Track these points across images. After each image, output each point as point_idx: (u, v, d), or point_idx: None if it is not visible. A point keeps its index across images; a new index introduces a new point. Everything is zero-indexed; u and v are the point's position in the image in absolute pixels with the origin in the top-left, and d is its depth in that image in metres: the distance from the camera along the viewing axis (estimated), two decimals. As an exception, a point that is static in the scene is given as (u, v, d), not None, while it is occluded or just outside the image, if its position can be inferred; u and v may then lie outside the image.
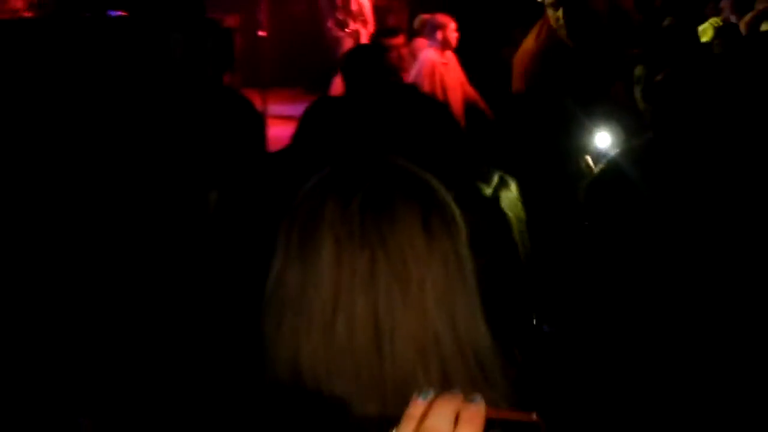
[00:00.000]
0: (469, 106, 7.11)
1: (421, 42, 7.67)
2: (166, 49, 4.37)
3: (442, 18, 7.32)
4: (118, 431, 2.55)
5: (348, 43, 8.91)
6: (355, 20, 9.02)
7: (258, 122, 2.90)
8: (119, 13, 4.66)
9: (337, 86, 6.32)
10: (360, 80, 4.68)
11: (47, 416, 2.60)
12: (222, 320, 2.28)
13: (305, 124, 2.99)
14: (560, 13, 6.06)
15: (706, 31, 6.09)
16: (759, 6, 6.09)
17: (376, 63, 4.81)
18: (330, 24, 9.33)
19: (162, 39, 4.40)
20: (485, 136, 5.21)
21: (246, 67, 7.85)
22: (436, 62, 7.11)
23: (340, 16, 9.20)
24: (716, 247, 2.27)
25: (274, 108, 7.62)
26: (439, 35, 7.22)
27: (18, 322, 2.99)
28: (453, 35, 7.27)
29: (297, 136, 2.98)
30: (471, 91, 7.37)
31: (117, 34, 4.48)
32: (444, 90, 7.02)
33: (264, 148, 2.97)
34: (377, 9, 9.94)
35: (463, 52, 7.52)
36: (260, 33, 7.67)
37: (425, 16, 7.55)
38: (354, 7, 9.03)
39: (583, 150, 3.30)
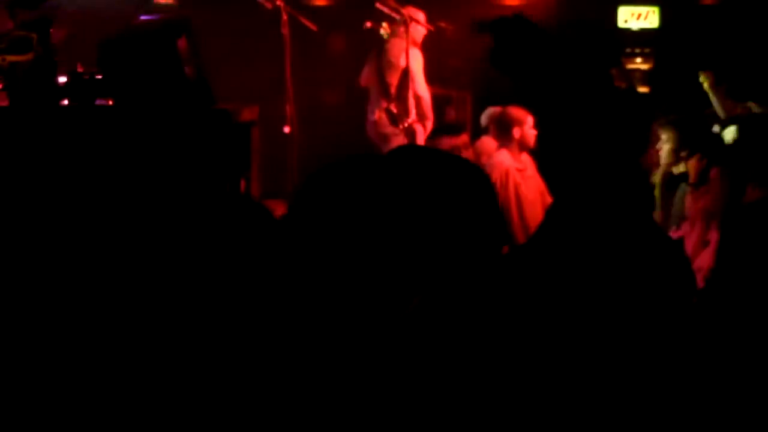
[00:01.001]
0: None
1: (488, 142, 7.63)
2: (164, 149, 4.38)
3: (517, 112, 7.22)
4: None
5: (398, 143, 8.91)
6: (410, 114, 9.03)
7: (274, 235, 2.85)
8: (107, 101, 4.69)
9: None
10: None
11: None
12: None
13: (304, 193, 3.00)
14: None
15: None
16: None
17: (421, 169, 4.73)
18: (377, 117, 9.35)
19: (159, 135, 4.41)
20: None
21: (267, 171, 7.84)
22: (510, 168, 7.02)
23: (394, 109, 9.22)
24: None
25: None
26: (515, 133, 7.12)
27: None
28: (531, 133, 7.17)
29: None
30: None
31: (103, 128, 4.50)
32: (519, 203, 6.93)
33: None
34: (435, 99, 10.01)
35: (543, 154, 7.48)
36: (285, 128, 7.69)
37: (495, 110, 7.50)
38: (411, 97, 9.02)
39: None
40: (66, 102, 4.65)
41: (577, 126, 2.50)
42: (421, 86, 9.07)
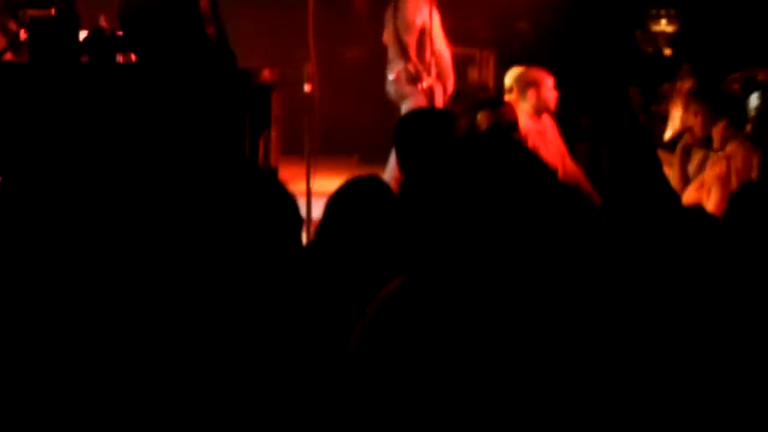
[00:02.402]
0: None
1: (510, 103, 7.60)
2: (184, 108, 4.39)
3: (536, 73, 7.17)
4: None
5: (419, 103, 8.89)
6: (430, 74, 8.99)
7: (289, 212, 2.85)
8: (128, 57, 4.69)
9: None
10: (414, 159, 4.58)
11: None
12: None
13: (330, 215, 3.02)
14: None
15: None
16: None
17: (438, 134, 4.70)
18: (396, 76, 9.33)
19: (179, 95, 4.42)
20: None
21: (287, 131, 7.83)
22: (529, 130, 6.99)
23: (412, 68, 9.19)
24: None
25: (322, 183, 7.60)
26: (531, 95, 7.09)
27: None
28: (551, 95, 7.13)
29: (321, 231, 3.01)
30: (573, 168, 7.26)
31: (124, 85, 4.51)
32: (539, 166, 6.92)
33: (298, 243, 2.94)
34: (457, 59, 9.96)
35: (565, 116, 7.45)
36: (306, 87, 7.68)
37: (518, 70, 7.44)
38: (430, 56, 8.98)
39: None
40: (86, 58, 4.64)
41: None
42: (440, 44, 9.02)
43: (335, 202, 3.41)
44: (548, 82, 7.13)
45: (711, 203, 6.06)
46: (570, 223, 2.32)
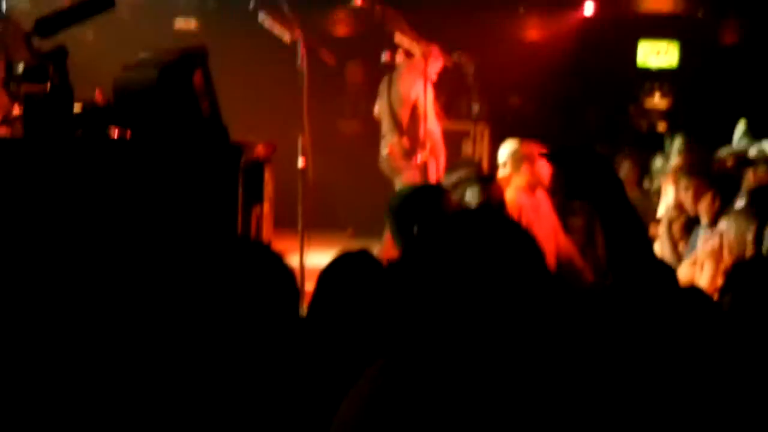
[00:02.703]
0: (562, 263, 6.98)
1: (504, 178, 7.61)
2: (177, 183, 4.39)
3: (530, 148, 7.16)
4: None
5: (412, 177, 8.92)
6: (424, 148, 9.03)
7: (287, 284, 2.85)
8: (122, 132, 4.70)
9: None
10: (408, 232, 4.60)
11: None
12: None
13: (321, 290, 3.02)
14: None
15: None
16: None
17: (431, 210, 4.72)
18: (390, 151, 9.38)
19: (172, 169, 4.42)
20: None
21: (280, 204, 7.84)
22: (522, 204, 6.99)
23: (406, 142, 9.23)
24: None
25: (315, 256, 7.60)
26: (525, 169, 7.08)
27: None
28: (545, 169, 7.13)
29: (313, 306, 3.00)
30: (567, 243, 7.25)
31: (118, 161, 4.51)
32: (532, 242, 6.89)
33: (295, 317, 2.94)
34: (452, 133, 10.03)
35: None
36: (299, 161, 7.71)
37: (511, 145, 7.45)
38: (422, 132, 9.03)
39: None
40: (80, 132, 4.65)
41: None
42: (431, 120, 9.08)
43: (325, 277, 3.42)
44: (542, 156, 7.14)
45: (704, 279, 6.06)
46: (552, 306, 2.33)
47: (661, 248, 7.45)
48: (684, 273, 6.36)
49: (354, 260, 3.44)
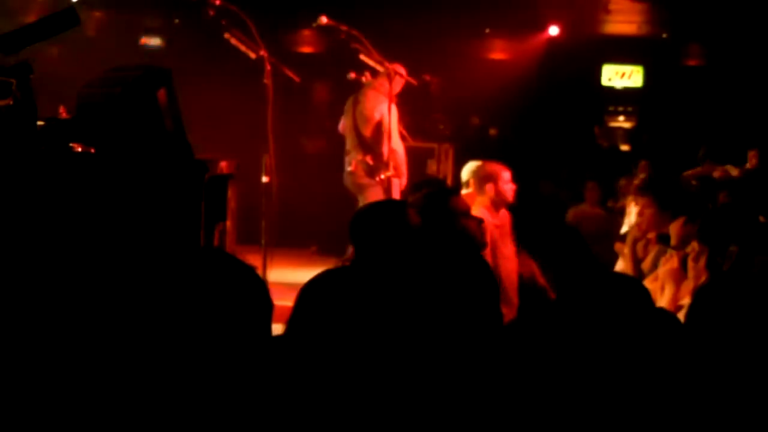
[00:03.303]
0: (524, 283, 7.03)
1: (468, 197, 7.64)
2: (140, 200, 4.40)
3: (493, 167, 7.21)
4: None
5: (376, 195, 8.95)
6: (388, 166, 9.07)
7: (260, 297, 2.87)
8: (86, 147, 4.71)
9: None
10: (371, 248, 4.62)
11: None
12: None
13: (301, 308, 3.03)
14: None
15: None
16: None
17: (395, 224, 4.75)
18: (353, 168, 9.41)
19: (135, 186, 4.44)
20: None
21: (244, 221, 7.85)
22: (487, 224, 7.02)
23: (370, 160, 9.26)
24: None
25: (278, 273, 7.62)
26: (489, 189, 7.11)
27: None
28: (508, 188, 7.16)
29: (291, 324, 3.01)
30: (529, 262, 7.29)
31: (80, 175, 4.52)
32: (495, 261, 6.93)
33: (268, 330, 2.96)
34: (417, 152, 10.08)
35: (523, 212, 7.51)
36: (263, 178, 7.73)
37: (474, 164, 7.49)
38: (386, 151, 9.07)
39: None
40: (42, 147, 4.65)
41: None
42: (394, 141, 9.13)
43: (308, 293, 3.38)
44: (505, 175, 7.16)
45: (665, 299, 6.13)
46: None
47: (624, 267, 7.52)
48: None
49: (337, 277, 3.43)
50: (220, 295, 2.72)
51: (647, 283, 6.56)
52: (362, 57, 9.07)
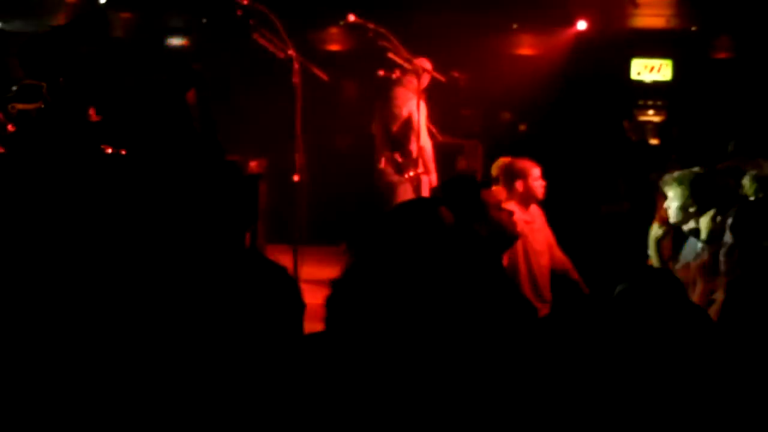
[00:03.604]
0: (558, 276, 7.02)
1: (498, 193, 7.63)
2: (171, 201, 4.42)
3: (522, 164, 7.24)
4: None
5: (406, 192, 8.96)
6: (417, 163, 9.09)
7: (292, 298, 2.88)
8: (115, 149, 4.73)
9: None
10: (405, 249, 4.60)
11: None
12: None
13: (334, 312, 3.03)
14: None
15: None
16: None
17: (428, 222, 4.74)
18: (383, 166, 9.42)
19: (166, 187, 4.45)
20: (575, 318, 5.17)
21: (275, 220, 7.87)
22: (517, 220, 7.01)
23: (399, 158, 9.27)
24: None
25: (309, 271, 7.62)
26: (518, 185, 7.12)
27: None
28: (538, 184, 7.18)
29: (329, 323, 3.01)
30: (562, 258, 7.29)
31: (112, 177, 4.54)
32: (527, 256, 6.93)
33: (300, 329, 2.96)
34: (446, 148, 10.07)
35: (553, 205, 7.50)
36: (294, 177, 7.74)
37: (504, 160, 7.49)
38: (414, 148, 9.09)
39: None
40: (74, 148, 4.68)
41: None
42: (423, 138, 9.14)
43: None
44: (535, 172, 7.17)
45: (696, 294, 6.08)
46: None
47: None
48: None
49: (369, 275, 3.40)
50: (252, 297, 2.73)
51: (677, 272, 6.52)
52: (390, 55, 9.08)
